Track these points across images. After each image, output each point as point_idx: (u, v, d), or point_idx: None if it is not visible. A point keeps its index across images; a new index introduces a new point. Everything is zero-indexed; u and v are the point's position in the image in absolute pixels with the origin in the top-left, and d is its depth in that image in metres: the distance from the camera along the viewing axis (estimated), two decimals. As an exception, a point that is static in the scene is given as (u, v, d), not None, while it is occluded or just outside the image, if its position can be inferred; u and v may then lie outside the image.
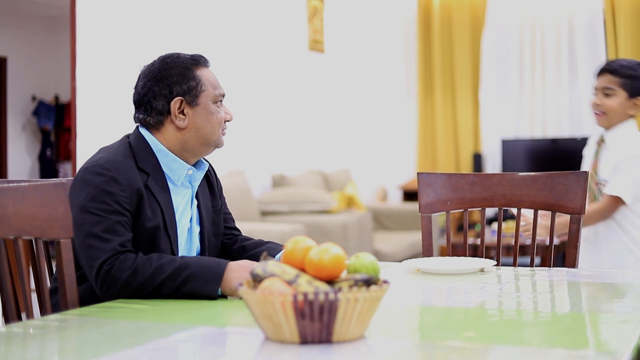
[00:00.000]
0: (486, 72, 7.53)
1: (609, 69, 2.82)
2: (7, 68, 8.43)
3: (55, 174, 8.64)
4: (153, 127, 1.88)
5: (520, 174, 2.39)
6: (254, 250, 2.01)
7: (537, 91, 7.42)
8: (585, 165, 2.93)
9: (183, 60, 1.88)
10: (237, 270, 1.68)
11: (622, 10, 6.95)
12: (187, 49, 2.18)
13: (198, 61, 1.90)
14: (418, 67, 7.81)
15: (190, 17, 5.25)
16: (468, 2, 7.64)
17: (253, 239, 2.08)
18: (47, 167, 8.71)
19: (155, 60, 1.91)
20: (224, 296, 1.69)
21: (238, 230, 2.13)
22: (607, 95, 2.80)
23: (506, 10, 7.50)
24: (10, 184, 1.65)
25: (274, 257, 1.90)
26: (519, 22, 7.49)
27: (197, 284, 1.67)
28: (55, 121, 8.74)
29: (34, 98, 8.68)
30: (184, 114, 1.86)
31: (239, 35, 5.76)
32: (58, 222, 1.68)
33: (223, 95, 1.91)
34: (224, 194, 2.13)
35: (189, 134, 1.87)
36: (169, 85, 1.85)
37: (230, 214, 2.13)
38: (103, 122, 4.62)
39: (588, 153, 2.97)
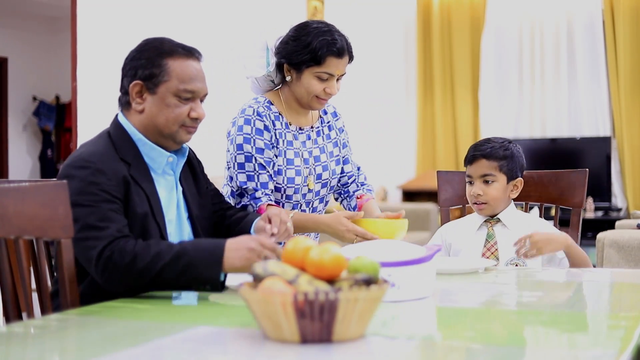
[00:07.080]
0: (485, 73, 7.53)
1: (483, 154, 2.41)
2: (7, 68, 8.44)
3: (56, 174, 8.62)
4: (124, 107, 1.93)
5: (526, 171, 2.57)
6: (239, 225, 2.07)
7: (537, 91, 7.42)
8: (468, 254, 2.41)
9: (158, 45, 1.87)
10: (236, 249, 1.68)
11: (621, 11, 6.95)
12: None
13: (174, 51, 1.86)
14: (418, 67, 7.81)
15: (190, 18, 5.25)
16: (467, 3, 7.64)
17: (236, 214, 2.12)
18: (48, 167, 8.71)
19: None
20: (224, 285, 1.71)
21: (226, 202, 2.16)
22: (486, 182, 2.41)
23: (505, 10, 7.50)
24: (11, 184, 1.65)
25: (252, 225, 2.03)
26: (519, 23, 7.49)
27: (200, 270, 1.66)
28: (56, 121, 8.74)
29: (34, 98, 8.69)
30: (142, 99, 1.87)
31: (239, 36, 5.76)
32: (58, 222, 1.68)
33: (191, 92, 1.86)
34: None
35: (146, 120, 1.88)
36: (135, 67, 1.87)
37: (215, 189, 2.15)
38: (104, 122, 4.60)
39: (467, 239, 2.45)
